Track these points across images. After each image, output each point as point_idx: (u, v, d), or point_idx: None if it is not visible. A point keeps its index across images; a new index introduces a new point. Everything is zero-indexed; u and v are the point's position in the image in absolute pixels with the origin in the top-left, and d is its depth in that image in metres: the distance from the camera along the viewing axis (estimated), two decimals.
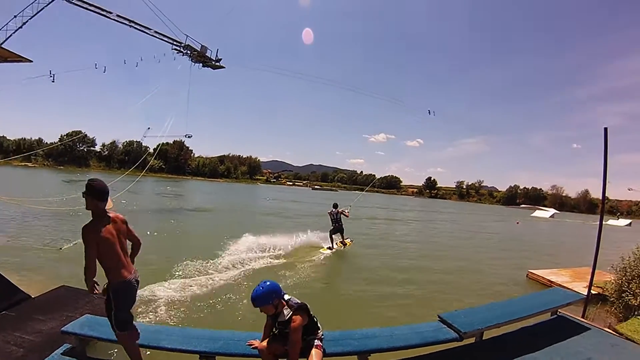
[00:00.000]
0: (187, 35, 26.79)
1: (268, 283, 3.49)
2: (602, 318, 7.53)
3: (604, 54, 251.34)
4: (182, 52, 27.19)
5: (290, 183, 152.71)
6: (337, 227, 14.44)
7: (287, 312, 3.46)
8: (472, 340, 4.90)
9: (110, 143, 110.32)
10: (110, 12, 20.98)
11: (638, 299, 6.95)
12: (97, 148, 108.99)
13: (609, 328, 6.33)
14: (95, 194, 3.49)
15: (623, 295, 7.25)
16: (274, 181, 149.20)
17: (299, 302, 3.56)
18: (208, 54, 28.70)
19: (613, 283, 7.82)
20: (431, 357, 4.57)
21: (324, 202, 46.47)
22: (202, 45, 27.59)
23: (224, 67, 29.85)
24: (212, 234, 16.31)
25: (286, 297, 3.57)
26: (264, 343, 3.59)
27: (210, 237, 15.05)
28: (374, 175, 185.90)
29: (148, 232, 14.58)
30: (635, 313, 7.03)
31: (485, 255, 17.51)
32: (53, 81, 24.45)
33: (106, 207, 3.57)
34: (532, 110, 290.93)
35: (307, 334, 3.58)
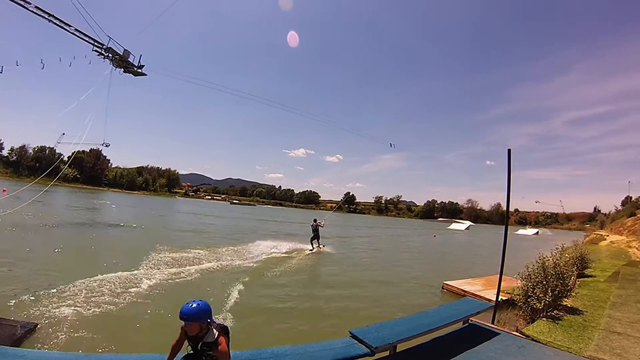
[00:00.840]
0: (110, 37, 25.12)
1: (202, 302, 3.28)
2: (512, 322, 8.06)
3: (513, 78, 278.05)
4: (103, 55, 25.49)
5: (209, 197, 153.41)
6: (315, 235, 20.50)
7: (215, 333, 3.29)
8: (386, 353, 4.95)
9: (19, 147, 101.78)
10: (29, 3, 19.01)
11: (542, 303, 7.39)
12: (5, 152, 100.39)
13: (517, 331, 6.72)
14: None
15: (529, 300, 7.73)
16: (192, 195, 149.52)
17: (222, 324, 3.44)
18: (131, 59, 27.18)
19: (520, 289, 8.29)
20: None
21: (241, 217, 45.33)
22: (124, 50, 25.97)
23: (145, 75, 28.37)
24: (123, 250, 15.40)
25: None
26: None
27: (121, 253, 14.17)
28: (293, 190, 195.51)
29: (52, 248, 13.48)
30: (541, 315, 7.52)
31: (403, 269, 18.03)
32: None
33: None
34: (448, 129, 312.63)
35: None
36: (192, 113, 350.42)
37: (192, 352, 3.38)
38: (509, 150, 7.68)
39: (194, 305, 3.21)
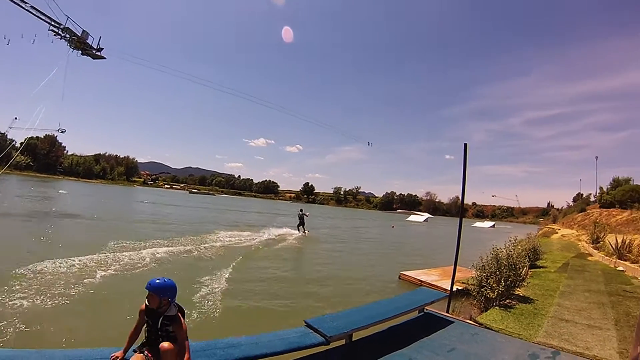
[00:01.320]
0: (68, 17, 23.61)
1: (170, 280, 3.43)
2: (467, 311, 8.25)
3: (472, 78, 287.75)
4: (60, 35, 23.96)
5: (168, 186, 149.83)
6: (301, 222, 25.61)
7: (175, 309, 3.38)
8: (341, 342, 4.96)
9: None
10: None
11: (495, 292, 7.61)
12: None
13: (471, 320, 6.89)
14: None
15: (483, 289, 7.96)
16: (151, 183, 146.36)
17: (180, 305, 3.52)
18: (89, 41, 25.73)
19: (474, 279, 8.58)
20: None
21: (200, 206, 44.65)
22: (83, 31, 24.58)
23: (104, 58, 27.11)
24: (76, 241, 14.61)
25: None
26: (137, 356, 3.28)
27: (74, 244, 13.47)
28: (252, 179, 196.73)
29: None
30: (494, 304, 7.74)
31: (361, 259, 18.17)
32: None
33: None
34: (409, 124, 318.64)
35: None
36: (153, 100, 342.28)
37: (147, 337, 3.37)
38: (465, 145, 7.92)
39: (163, 280, 3.35)
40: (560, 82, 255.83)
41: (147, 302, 3.32)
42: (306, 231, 25.72)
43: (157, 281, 3.32)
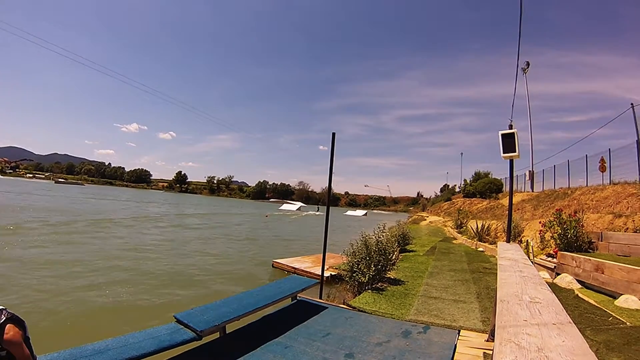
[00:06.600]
0: None
1: None
2: (341, 296, 8.67)
3: (344, 76, 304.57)
4: None
5: (31, 175, 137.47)
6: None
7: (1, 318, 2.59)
8: (215, 336, 5.00)
9: None
10: None
11: (367, 277, 8.09)
12: None
13: (344, 304, 7.18)
14: None
15: (354, 274, 8.41)
16: (10, 172, 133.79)
17: (15, 314, 2.72)
18: None
19: (346, 265, 9.13)
20: None
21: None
22: None
23: None
24: None
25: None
26: None
27: None
28: (124, 168, 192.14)
29: None
30: (366, 288, 8.21)
31: (234, 249, 18.35)
32: None
33: None
34: (283, 114, 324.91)
35: None
36: (8, 74, 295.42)
37: None
38: (333, 134, 8.50)
39: None
40: (430, 86, 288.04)
41: None
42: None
43: None
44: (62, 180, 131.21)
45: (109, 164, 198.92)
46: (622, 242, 9.37)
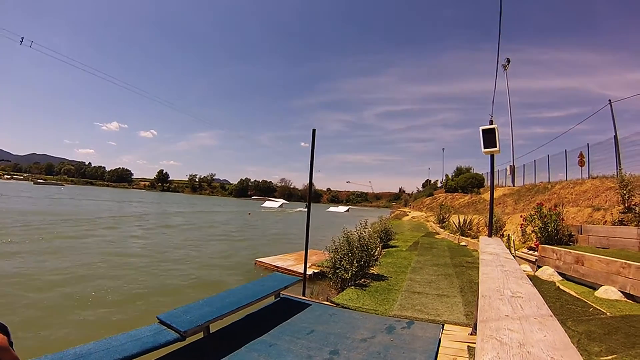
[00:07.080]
0: None
1: None
2: (324, 293, 8.67)
3: (323, 72, 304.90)
4: None
5: (9, 176, 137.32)
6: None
7: None
8: (200, 336, 4.99)
9: None
10: None
11: (349, 273, 8.13)
12: None
13: (328, 301, 7.21)
14: None
15: (337, 271, 8.43)
16: None
17: None
18: None
19: (329, 261, 9.18)
20: None
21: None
22: None
23: None
24: None
25: None
26: None
27: None
28: (104, 167, 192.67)
29: None
30: (350, 284, 8.24)
31: (215, 248, 18.25)
32: None
33: None
34: (263, 111, 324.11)
35: None
36: None
37: None
38: (314, 130, 8.47)
39: None
40: (411, 82, 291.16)
41: None
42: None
43: None
44: (42, 181, 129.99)
45: (89, 163, 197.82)
46: (601, 235, 9.64)
